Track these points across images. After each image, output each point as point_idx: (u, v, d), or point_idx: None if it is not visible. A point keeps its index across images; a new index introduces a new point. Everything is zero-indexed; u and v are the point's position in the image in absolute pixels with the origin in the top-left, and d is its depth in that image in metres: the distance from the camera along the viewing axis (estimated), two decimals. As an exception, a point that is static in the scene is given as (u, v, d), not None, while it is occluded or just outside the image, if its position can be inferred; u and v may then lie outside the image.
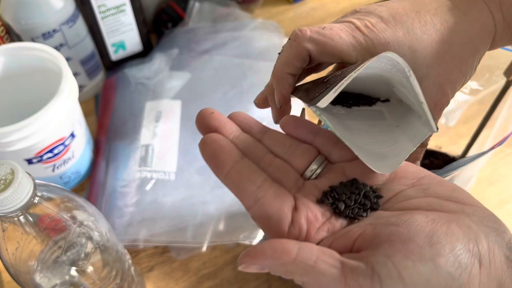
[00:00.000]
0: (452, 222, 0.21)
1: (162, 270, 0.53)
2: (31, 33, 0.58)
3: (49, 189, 0.34)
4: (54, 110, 0.47)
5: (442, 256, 0.20)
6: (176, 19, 0.75)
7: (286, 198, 0.25)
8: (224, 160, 0.26)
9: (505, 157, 0.61)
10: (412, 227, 0.21)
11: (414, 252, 0.20)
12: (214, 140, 0.27)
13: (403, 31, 0.30)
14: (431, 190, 0.24)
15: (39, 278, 0.36)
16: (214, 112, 0.28)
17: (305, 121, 0.29)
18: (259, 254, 0.22)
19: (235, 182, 0.25)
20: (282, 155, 0.28)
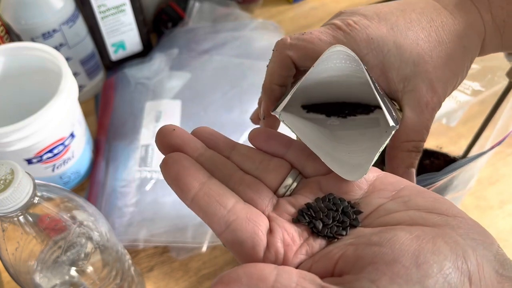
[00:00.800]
0: (438, 237, 0.20)
1: (162, 270, 0.53)
2: (31, 33, 0.58)
3: (49, 189, 0.34)
4: (54, 110, 0.47)
5: (431, 277, 0.18)
6: (176, 19, 0.75)
7: (259, 221, 0.23)
8: (189, 183, 0.24)
9: (505, 157, 0.61)
10: (396, 246, 0.20)
11: (400, 275, 0.19)
12: (176, 160, 0.24)
13: (387, 27, 0.30)
14: (412, 202, 0.23)
15: (39, 278, 0.36)
16: (175, 129, 0.26)
17: (276, 133, 0.27)
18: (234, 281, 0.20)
19: (203, 207, 0.23)
20: (253, 172, 0.25)
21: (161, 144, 0.26)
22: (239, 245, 0.23)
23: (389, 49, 0.29)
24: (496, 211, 0.57)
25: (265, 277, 0.20)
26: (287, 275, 0.20)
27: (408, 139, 0.30)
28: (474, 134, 0.48)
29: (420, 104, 0.30)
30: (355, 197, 0.24)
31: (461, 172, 0.41)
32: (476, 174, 0.48)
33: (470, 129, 0.49)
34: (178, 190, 0.24)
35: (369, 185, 0.24)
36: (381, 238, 0.20)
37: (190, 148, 0.26)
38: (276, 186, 0.25)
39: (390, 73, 0.30)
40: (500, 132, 0.45)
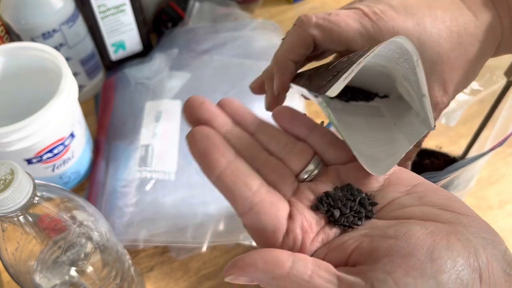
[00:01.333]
0: (452, 234, 0.20)
1: (162, 270, 0.53)
2: (31, 33, 0.58)
3: (49, 189, 0.34)
4: (54, 110, 0.47)
5: (444, 272, 0.19)
6: (176, 19, 0.75)
7: (282, 206, 0.23)
8: (216, 160, 0.24)
9: (506, 157, 0.61)
10: (412, 240, 0.20)
11: (415, 268, 0.19)
12: (206, 135, 0.24)
13: (413, 22, 0.29)
14: (427, 198, 0.23)
15: (39, 278, 0.36)
16: (204, 101, 0.26)
17: (300, 114, 0.27)
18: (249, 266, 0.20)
19: (229, 186, 0.23)
20: (278, 153, 0.26)
21: (189, 117, 0.26)
22: (261, 228, 0.23)
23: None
24: (496, 211, 0.57)
25: (281, 263, 0.20)
26: (302, 263, 0.20)
27: None
28: (474, 134, 0.48)
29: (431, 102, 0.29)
30: (371, 189, 0.25)
31: (462, 172, 0.41)
32: (477, 174, 0.48)
33: (470, 128, 0.49)
34: (205, 165, 0.24)
35: (385, 178, 0.25)
36: (396, 231, 0.21)
37: (218, 123, 0.25)
38: (299, 171, 0.25)
39: None
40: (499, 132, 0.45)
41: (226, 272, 0.21)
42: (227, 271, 0.21)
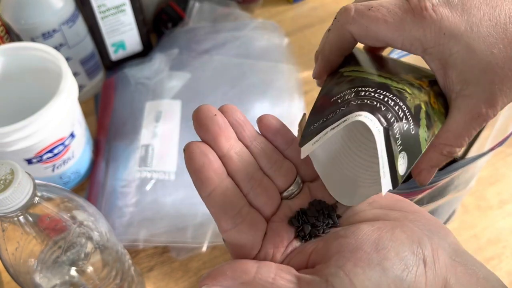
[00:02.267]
0: (397, 228, 0.22)
1: (162, 270, 0.53)
2: (31, 33, 0.58)
3: (49, 189, 0.34)
4: (54, 110, 0.47)
5: (389, 259, 0.21)
6: (176, 19, 0.75)
7: (260, 227, 0.26)
8: (210, 178, 0.25)
9: (505, 157, 0.61)
10: (359, 236, 0.22)
11: (362, 259, 0.21)
12: (205, 153, 0.25)
13: (467, 25, 0.26)
14: (376, 202, 0.25)
15: (39, 278, 0.36)
16: (216, 114, 0.27)
17: (284, 129, 0.28)
18: (219, 275, 0.23)
19: (217, 203, 0.25)
20: (267, 170, 0.27)
21: (199, 124, 0.27)
22: (238, 246, 0.25)
23: (459, 50, 0.26)
24: (496, 211, 0.57)
25: (247, 270, 0.23)
26: (266, 268, 0.23)
27: (446, 142, 0.29)
28: (474, 134, 0.48)
29: (472, 112, 0.27)
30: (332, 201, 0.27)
31: (462, 172, 0.41)
32: (477, 174, 0.48)
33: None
34: (199, 181, 0.25)
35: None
36: (346, 231, 0.23)
37: (225, 137, 0.26)
38: (283, 189, 0.27)
39: (451, 72, 0.27)
40: (499, 132, 0.45)
41: (201, 283, 0.23)
42: (201, 281, 0.23)
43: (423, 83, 0.30)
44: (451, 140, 0.29)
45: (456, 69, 0.27)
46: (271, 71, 0.67)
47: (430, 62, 0.28)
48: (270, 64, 0.68)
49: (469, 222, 0.56)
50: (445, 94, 0.29)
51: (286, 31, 0.77)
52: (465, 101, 0.27)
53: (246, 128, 0.28)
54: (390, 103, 0.26)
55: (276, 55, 0.70)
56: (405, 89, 0.28)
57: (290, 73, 0.68)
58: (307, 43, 0.77)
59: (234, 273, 0.23)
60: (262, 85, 0.65)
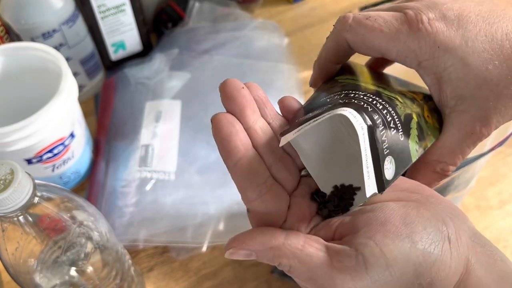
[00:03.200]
0: (421, 207, 0.23)
1: (162, 270, 0.53)
2: (31, 33, 0.58)
3: (48, 189, 0.34)
4: (54, 110, 0.47)
5: (417, 233, 0.22)
6: (176, 19, 0.75)
7: (284, 199, 0.26)
8: (237, 147, 0.25)
9: (505, 157, 0.61)
10: (387, 211, 0.23)
11: (391, 231, 0.22)
12: (232, 122, 0.26)
13: (462, 39, 0.26)
14: (397, 185, 0.26)
15: (39, 278, 0.36)
16: (244, 87, 0.27)
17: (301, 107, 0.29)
18: (248, 239, 0.23)
19: (243, 173, 0.25)
20: (286, 148, 0.28)
21: (226, 96, 0.27)
22: (265, 216, 0.26)
23: (453, 63, 0.26)
24: (496, 211, 0.57)
25: (277, 235, 0.23)
26: (295, 235, 0.23)
27: (439, 159, 0.28)
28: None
29: (466, 129, 0.27)
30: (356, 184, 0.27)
31: (462, 172, 0.41)
32: (477, 174, 0.48)
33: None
34: (225, 151, 0.26)
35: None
36: (373, 207, 0.24)
37: (250, 110, 0.27)
38: (301, 167, 0.28)
39: (445, 87, 0.27)
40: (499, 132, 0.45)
41: (227, 247, 0.23)
42: (228, 246, 0.23)
43: (417, 96, 0.30)
44: (445, 156, 0.28)
45: (450, 84, 0.27)
46: (271, 71, 0.67)
47: (425, 77, 0.28)
48: (270, 64, 0.68)
49: (469, 222, 0.56)
50: (440, 110, 0.29)
51: (286, 31, 0.77)
52: (459, 117, 0.27)
53: (267, 106, 0.28)
54: (379, 106, 0.26)
55: (276, 55, 0.70)
56: (396, 97, 0.28)
57: (290, 73, 0.68)
58: (307, 43, 0.77)
59: (264, 238, 0.23)
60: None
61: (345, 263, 0.22)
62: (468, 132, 0.27)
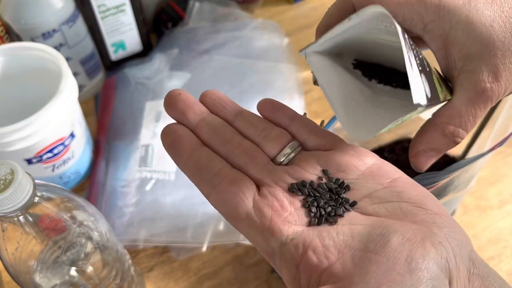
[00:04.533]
0: (427, 240, 0.22)
1: (162, 270, 0.53)
2: (31, 33, 0.58)
3: (49, 189, 0.34)
4: (54, 110, 0.47)
5: (422, 283, 0.20)
6: (176, 19, 0.75)
7: (243, 184, 0.25)
8: (182, 150, 0.26)
9: (505, 157, 0.61)
10: (390, 253, 0.21)
11: (396, 282, 0.20)
12: (173, 130, 0.27)
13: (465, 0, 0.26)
14: (404, 194, 0.24)
15: (39, 278, 0.36)
16: (181, 93, 0.28)
17: (283, 105, 0.28)
18: None
19: (192, 171, 0.26)
20: (254, 138, 0.27)
21: (168, 107, 0.27)
22: (223, 206, 0.24)
23: (459, 21, 0.26)
24: (496, 211, 0.57)
25: None
26: None
27: (448, 121, 0.27)
28: (473, 134, 0.48)
29: (476, 88, 0.26)
30: (350, 176, 0.25)
31: (462, 172, 0.41)
32: (477, 174, 0.48)
33: (470, 129, 0.49)
34: (173, 156, 0.26)
35: (366, 168, 0.25)
36: (376, 245, 0.22)
37: (193, 112, 0.27)
38: (275, 154, 0.26)
39: (452, 48, 0.27)
40: (499, 132, 0.45)
41: None
42: None
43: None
44: (454, 118, 0.27)
45: (457, 44, 0.26)
46: (271, 71, 0.67)
47: (431, 41, 0.27)
48: (270, 64, 0.68)
49: (469, 222, 0.56)
50: (448, 77, 0.28)
51: (286, 31, 0.77)
52: (468, 76, 0.26)
53: (227, 105, 0.28)
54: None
55: (276, 55, 0.70)
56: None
57: (290, 73, 0.68)
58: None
59: None
60: (262, 85, 0.65)
61: None
62: (479, 91, 0.26)
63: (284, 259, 0.23)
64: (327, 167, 0.26)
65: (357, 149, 0.26)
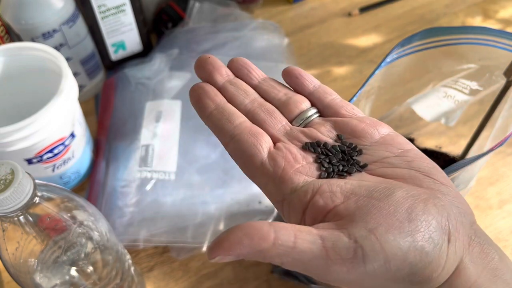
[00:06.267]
0: (429, 200, 0.22)
1: (162, 270, 0.53)
2: (31, 33, 0.58)
3: (49, 189, 0.34)
4: (54, 110, 0.47)
5: (420, 232, 0.21)
6: (176, 19, 0.75)
7: (261, 137, 0.26)
8: (206, 103, 0.28)
9: (505, 157, 0.61)
10: (392, 202, 0.22)
11: (394, 226, 0.21)
12: (201, 86, 0.29)
13: None
14: (415, 163, 0.25)
15: (39, 278, 0.36)
16: (210, 57, 0.30)
17: (307, 75, 0.29)
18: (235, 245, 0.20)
19: (215, 122, 0.27)
20: (274, 101, 0.28)
21: (197, 68, 0.30)
22: (240, 155, 0.26)
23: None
24: (496, 211, 0.57)
25: (265, 236, 0.21)
26: (285, 231, 0.21)
27: None
28: (473, 134, 0.48)
29: None
30: (364, 143, 0.26)
31: (462, 172, 0.41)
32: (477, 174, 0.48)
33: (470, 128, 0.49)
34: (198, 110, 0.29)
35: (380, 137, 0.26)
36: (380, 194, 0.23)
37: (220, 73, 0.29)
38: (293, 117, 0.28)
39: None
40: (499, 132, 0.45)
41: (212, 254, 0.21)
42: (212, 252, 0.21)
43: None
44: None
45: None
46: (271, 71, 0.67)
47: None
48: (270, 64, 0.68)
49: (469, 222, 0.56)
50: None
51: (286, 31, 0.77)
52: None
53: (252, 70, 0.30)
54: None
55: (276, 55, 0.70)
56: None
57: (290, 73, 0.68)
58: (307, 43, 0.77)
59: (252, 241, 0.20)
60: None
61: (343, 255, 0.21)
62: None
63: (293, 204, 0.24)
64: (342, 132, 0.27)
65: (373, 120, 0.27)
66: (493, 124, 0.45)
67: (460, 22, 0.79)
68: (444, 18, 0.80)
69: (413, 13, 0.81)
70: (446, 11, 0.81)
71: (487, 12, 0.80)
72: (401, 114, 0.55)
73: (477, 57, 0.45)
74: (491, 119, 0.45)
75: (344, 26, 0.78)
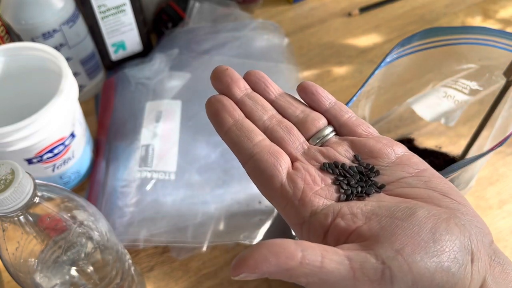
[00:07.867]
0: (451, 219, 0.22)
1: (162, 270, 0.53)
2: (31, 33, 0.58)
3: (49, 189, 0.34)
4: (54, 110, 0.47)
5: (445, 252, 0.21)
6: (176, 19, 0.75)
7: (280, 157, 0.26)
8: (225, 118, 0.27)
9: (505, 157, 0.61)
10: (416, 222, 0.22)
11: (420, 246, 0.21)
12: (219, 99, 0.28)
13: None
14: (432, 183, 0.25)
15: (39, 278, 0.36)
16: (228, 68, 0.29)
17: (323, 91, 0.29)
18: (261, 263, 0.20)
19: (233, 140, 0.27)
20: (292, 118, 0.28)
21: (214, 80, 0.30)
22: (259, 175, 0.25)
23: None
24: (496, 211, 0.57)
25: (292, 254, 0.20)
26: (311, 250, 0.21)
27: None
28: (473, 134, 0.48)
29: None
30: (381, 164, 0.26)
31: (462, 172, 0.41)
32: (477, 174, 0.48)
33: (470, 128, 0.49)
34: (215, 124, 0.28)
35: (396, 157, 0.26)
36: (403, 214, 0.22)
37: (238, 86, 0.29)
38: (310, 135, 0.28)
39: None
40: (499, 132, 0.45)
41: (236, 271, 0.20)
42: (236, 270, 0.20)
43: None
44: None
45: None
46: (271, 71, 0.67)
47: None
48: (270, 64, 0.68)
49: (469, 222, 0.56)
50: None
51: (286, 31, 0.77)
52: None
53: (269, 84, 0.29)
54: None
55: (276, 55, 0.70)
56: None
57: (290, 73, 0.68)
58: (307, 43, 0.77)
59: (279, 259, 0.20)
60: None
61: (371, 276, 0.20)
62: None
63: (313, 227, 0.24)
64: (359, 153, 0.27)
65: (389, 140, 0.27)
66: (493, 124, 0.46)
67: (460, 22, 0.79)
68: (444, 18, 0.80)
69: (413, 13, 0.81)
70: (446, 11, 0.81)
71: (487, 12, 0.80)
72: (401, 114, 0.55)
73: (477, 57, 0.45)
74: (491, 119, 0.45)
75: (344, 26, 0.78)
